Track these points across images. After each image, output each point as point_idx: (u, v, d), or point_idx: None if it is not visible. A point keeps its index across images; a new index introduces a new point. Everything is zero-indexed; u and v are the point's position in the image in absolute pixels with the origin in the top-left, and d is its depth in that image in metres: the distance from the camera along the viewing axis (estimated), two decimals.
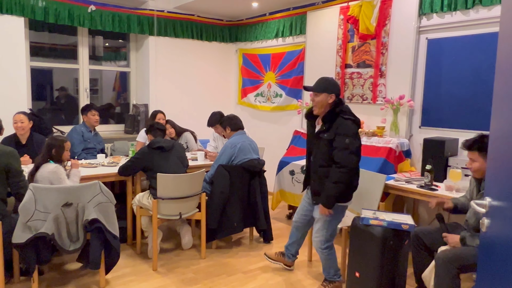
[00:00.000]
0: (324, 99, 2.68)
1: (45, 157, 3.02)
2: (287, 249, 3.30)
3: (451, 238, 2.54)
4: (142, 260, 3.46)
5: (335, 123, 2.64)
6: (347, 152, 2.58)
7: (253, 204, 3.74)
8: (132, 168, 3.53)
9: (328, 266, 2.94)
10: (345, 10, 4.48)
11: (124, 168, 3.53)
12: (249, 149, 3.72)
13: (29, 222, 2.63)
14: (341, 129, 2.61)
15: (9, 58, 4.44)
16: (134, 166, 3.52)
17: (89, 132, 4.41)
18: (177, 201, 3.32)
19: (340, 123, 2.63)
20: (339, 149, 2.59)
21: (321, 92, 2.69)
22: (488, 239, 1.52)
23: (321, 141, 2.69)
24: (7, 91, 4.42)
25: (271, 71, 5.65)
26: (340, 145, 2.59)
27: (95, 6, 4.89)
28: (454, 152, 3.54)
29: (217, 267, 3.40)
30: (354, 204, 3.45)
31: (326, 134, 2.66)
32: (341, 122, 2.64)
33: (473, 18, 3.52)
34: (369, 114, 4.33)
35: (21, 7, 4.41)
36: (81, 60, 5.29)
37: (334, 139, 2.61)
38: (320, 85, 2.73)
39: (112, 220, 2.87)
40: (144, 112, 5.42)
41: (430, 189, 3.18)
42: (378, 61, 4.20)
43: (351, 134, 2.62)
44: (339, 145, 2.59)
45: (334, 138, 2.61)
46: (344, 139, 2.58)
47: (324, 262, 2.95)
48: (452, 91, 3.69)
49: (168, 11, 5.52)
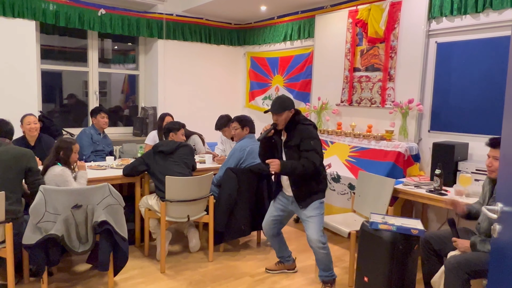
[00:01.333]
0: (287, 115, 2.90)
1: (53, 159, 3.06)
2: (281, 257, 3.36)
3: (461, 243, 2.51)
4: (150, 262, 3.48)
5: (297, 130, 2.89)
6: (313, 152, 2.82)
7: (261, 207, 3.74)
8: (136, 168, 3.54)
9: (328, 261, 3.00)
10: (353, 13, 4.48)
11: (128, 167, 3.56)
12: (257, 152, 3.72)
13: (39, 224, 2.65)
14: (305, 134, 2.85)
15: (21, 61, 4.50)
16: (137, 166, 3.53)
17: (98, 134, 4.45)
18: (185, 203, 3.33)
19: (302, 129, 2.88)
20: (306, 151, 2.82)
21: (283, 111, 2.88)
22: (499, 245, 1.51)
23: (291, 149, 2.91)
24: (18, 93, 4.48)
25: (279, 74, 5.66)
26: (307, 147, 2.82)
27: (105, 10, 4.94)
28: (464, 157, 3.51)
29: (224, 270, 3.40)
30: (362, 208, 3.45)
31: (292, 141, 2.89)
32: (302, 128, 2.89)
33: (483, 21, 3.50)
34: (377, 118, 4.31)
35: (33, 11, 4.48)
36: (91, 63, 5.35)
37: (300, 144, 2.84)
38: (281, 106, 2.90)
39: (121, 222, 2.89)
40: (152, 115, 5.45)
41: (439, 194, 3.16)
42: (387, 64, 4.19)
43: (314, 137, 2.87)
44: (306, 147, 2.82)
45: (300, 143, 2.84)
46: (310, 141, 2.83)
47: (325, 260, 2.98)
48: (462, 95, 3.67)
49: (177, 15, 5.56)
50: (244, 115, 3.99)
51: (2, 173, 2.72)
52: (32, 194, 2.87)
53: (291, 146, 2.90)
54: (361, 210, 3.48)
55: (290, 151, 2.91)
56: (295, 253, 3.51)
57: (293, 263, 3.39)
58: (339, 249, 3.87)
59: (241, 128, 3.82)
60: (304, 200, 2.92)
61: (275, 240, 3.27)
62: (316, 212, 2.92)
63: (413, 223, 2.71)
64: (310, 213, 2.92)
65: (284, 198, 3.10)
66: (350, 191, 3.87)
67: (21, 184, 2.86)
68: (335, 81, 4.75)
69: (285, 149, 2.95)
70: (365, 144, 4.10)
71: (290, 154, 2.92)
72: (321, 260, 2.99)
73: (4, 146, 2.83)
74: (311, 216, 2.92)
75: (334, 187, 4.06)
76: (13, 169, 2.76)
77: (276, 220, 3.17)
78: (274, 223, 3.19)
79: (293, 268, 3.38)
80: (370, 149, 4.02)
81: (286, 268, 3.38)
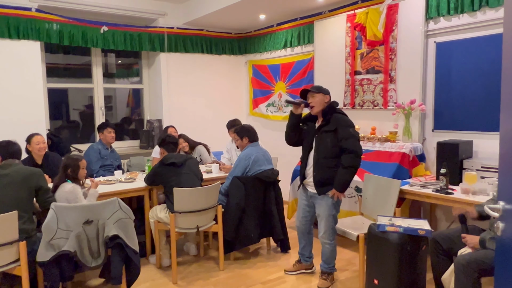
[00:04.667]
0: (321, 99, 3.00)
1: (62, 177, 3.13)
2: (301, 254, 3.47)
3: (470, 239, 2.51)
4: (162, 274, 3.51)
5: (334, 118, 2.97)
6: (354, 140, 2.89)
7: (269, 214, 3.77)
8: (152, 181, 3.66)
9: (331, 257, 3.19)
10: (351, 17, 4.52)
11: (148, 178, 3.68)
12: (263, 160, 3.77)
13: (52, 241, 2.70)
14: (342, 121, 2.94)
15: (27, 81, 4.59)
16: (153, 181, 3.66)
17: (105, 149, 4.51)
18: (194, 214, 3.37)
19: (339, 117, 2.98)
20: (346, 138, 2.88)
21: (318, 92, 3.02)
22: (504, 243, 1.52)
23: (324, 134, 2.99)
24: (26, 112, 4.56)
25: (281, 81, 5.70)
26: (346, 135, 2.89)
27: (107, 27, 5.03)
28: (468, 155, 3.52)
29: (236, 278, 3.43)
30: (370, 211, 3.46)
31: (327, 127, 2.96)
32: (339, 117, 2.98)
33: (480, 20, 3.52)
34: (380, 119, 4.33)
35: (37, 32, 4.57)
36: (96, 80, 5.43)
37: (337, 131, 2.91)
38: (316, 88, 3.06)
39: (132, 236, 2.94)
40: (158, 127, 5.52)
41: (446, 193, 3.16)
42: (387, 66, 4.22)
43: (352, 125, 2.96)
44: (345, 135, 2.89)
45: (336, 130, 2.91)
46: (348, 129, 2.91)
47: (329, 254, 3.18)
48: (464, 93, 3.68)
49: (178, 28, 5.64)
50: (243, 125, 4.02)
51: (15, 193, 2.78)
52: (44, 212, 2.94)
53: (325, 132, 2.97)
54: (368, 212, 3.50)
55: (323, 136, 2.98)
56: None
57: (311, 263, 3.49)
58: (349, 252, 3.88)
59: (240, 139, 3.89)
60: (322, 186, 3.02)
61: (305, 238, 3.39)
62: (329, 213, 3.07)
63: (420, 223, 2.72)
64: (325, 212, 3.08)
65: (305, 193, 3.24)
66: (357, 194, 3.88)
67: (32, 203, 2.93)
68: (337, 85, 4.78)
69: (318, 134, 3.03)
70: (369, 147, 4.12)
71: (322, 139, 2.98)
72: (324, 253, 3.21)
73: (15, 166, 2.90)
74: (324, 211, 3.08)
75: None
76: (24, 189, 2.83)
77: (306, 217, 3.31)
78: (305, 220, 3.32)
79: (310, 268, 3.49)
80: (375, 151, 4.03)
81: (304, 268, 3.48)
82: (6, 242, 2.60)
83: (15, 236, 2.66)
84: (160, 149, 3.78)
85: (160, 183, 3.60)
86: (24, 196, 2.82)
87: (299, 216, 3.34)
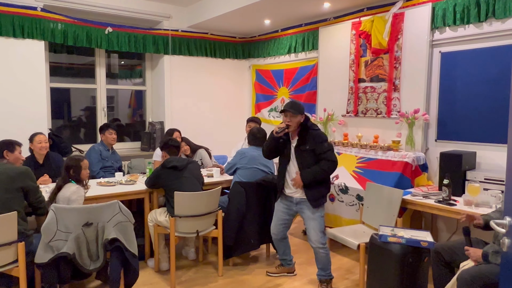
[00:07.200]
0: (299, 119, 3.11)
1: (65, 178, 3.10)
2: (283, 259, 3.54)
3: (473, 252, 2.48)
4: (160, 278, 3.49)
5: (310, 135, 3.10)
6: (331, 152, 3.09)
7: (269, 220, 3.72)
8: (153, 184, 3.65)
9: (327, 262, 3.19)
10: (357, 25, 4.52)
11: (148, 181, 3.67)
12: (257, 159, 3.77)
13: (51, 242, 2.68)
14: (317, 138, 3.09)
15: (31, 80, 4.59)
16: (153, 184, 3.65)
17: (106, 150, 4.50)
18: (194, 218, 3.35)
19: (315, 134, 3.11)
20: (324, 152, 3.06)
21: (299, 114, 3.09)
22: (509, 259, 1.50)
23: (303, 153, 3.10)
24: (29, 111, 4.56)
25: (284, 86, 5.70)
26: (323, 149, 3.06)
27: (112, 28, 5.03)
28: (471, 166, 3.50)
29: (234, 284, 3.40)
30: (371, 220, 3.44)
31: (306, 146, 3.09)
32: (315, 133, 3.11)
33: (486, 31, 3.51)
34: (383, 128, 4.32)
35: (42, 31, 4.58)
36: (99, 80, 5.43)
37: (315, 148, 3.06)
38: (298, 109, 3.10)
39: (131, 239, 2.91)
40: (160, 130, 5.51)
41: (448, 204, 3.14)
42: (392, 75, 4.21)
43: (326, 139, 3.14)
44: (323, 149, 3.06)
45: (314, 148, 3.06)
46: (324, 144, 3.08)
47: (324, 260, 3.18)
48: (468, 104, 3.67)
49: (182, 30, 5.65)
50: (254, 133, 3.98)
51: (3, 193, 2.70)
52: (36, 213, 2.93)
53: (305, 151, 3.09)
54: (370, 221, 3.48)
55: (304, 155, 3.10)
56: (304, 266, 3.53)
57: (293, 266, 3.56)
58: (349, 261, 3.85)
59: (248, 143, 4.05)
60: (316, 200, 3.11)
61: (282, 243, 3.46)
62: (317, 215, 3.13)
63: (423, 235, 2.70)
64: (313, 215, 3.12)
65: (287, 201, 3.27)
66: (358, 202, 3.86)
67: (22, 202, 2.84)
68: (340, 92, 4.78)
69: (297, 153, 3.13)
70: (372, 155, 4.10)
71: (304, 157, 3.11)
72: (320, 260, 3.19)
73: (1, 166, 2.83)
74: (314, 217, 3.12)
75: (342, 199, 4.05)
76: (10, 190, 2.74)
77: (284, 224, 3.36)
78: (283, 227, 3.37)
79: (292, 272, 3.55)
80: (377, 160, 4.02)
81: (287, 271, 3.54)
82: (5, 242, 2.58)
83: (14, 237, 2.63)
84: (162, 152, 3.76)
85: (161, 186, 3.58)
86: (11, 196, 2.74)
87: (277, 224, 3.36)
